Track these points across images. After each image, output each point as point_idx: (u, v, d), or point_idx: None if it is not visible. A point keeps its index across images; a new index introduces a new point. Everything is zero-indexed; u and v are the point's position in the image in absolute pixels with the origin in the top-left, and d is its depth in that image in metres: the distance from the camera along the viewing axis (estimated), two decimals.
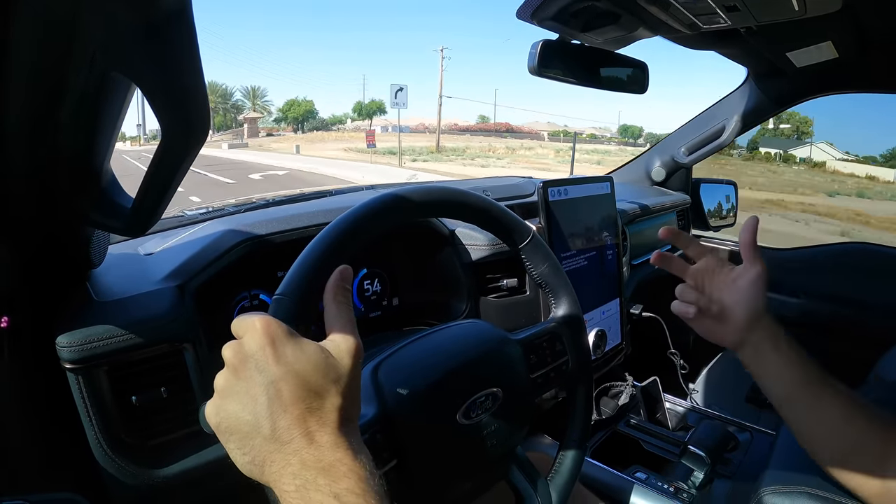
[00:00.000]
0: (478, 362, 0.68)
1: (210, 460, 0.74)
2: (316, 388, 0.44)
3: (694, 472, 1.23)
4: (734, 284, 0.77)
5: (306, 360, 0.44)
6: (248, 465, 0.43)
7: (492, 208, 0.72)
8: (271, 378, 0.43)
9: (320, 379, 0.44)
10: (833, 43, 1.27)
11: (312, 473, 0.41)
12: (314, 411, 0.43)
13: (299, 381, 0.43)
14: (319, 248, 0.56)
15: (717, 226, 2.13)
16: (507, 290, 1.17)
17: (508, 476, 0.73)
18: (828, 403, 0.72)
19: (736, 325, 0.77)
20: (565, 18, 1.06)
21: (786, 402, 0.76)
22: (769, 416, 1.68)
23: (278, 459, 0.42)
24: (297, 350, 0.44)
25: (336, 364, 0.46)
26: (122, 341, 0.68)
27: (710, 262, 0.81)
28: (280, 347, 0.44)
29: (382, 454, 0.56)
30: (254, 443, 0.43)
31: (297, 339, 0.45)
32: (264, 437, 0.42)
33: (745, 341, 0.77)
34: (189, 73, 0.41)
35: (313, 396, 0.43)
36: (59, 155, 0.53)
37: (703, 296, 0.80)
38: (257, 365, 0.43)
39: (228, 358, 0.45)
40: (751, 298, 0.76)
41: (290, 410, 0.42)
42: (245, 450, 0.43)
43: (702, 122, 1.91)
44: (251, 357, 0.44)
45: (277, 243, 0.90)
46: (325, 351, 0.46)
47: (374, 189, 1.44)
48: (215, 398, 0.45)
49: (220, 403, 0.44)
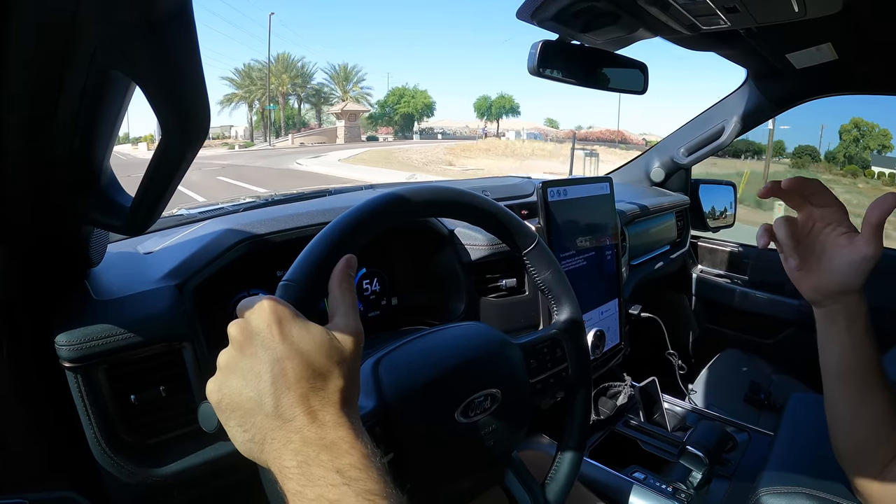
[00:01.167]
0: (478, 362, 0.68)
1: (208, 459, 0.74)
2: (320, 368, 0.45)
3: (692, 473, 1.23)
4: (843, 250, 0.73)
5: (311, 340, 0.45)
6: (248, 442, 0.44)
7: (499, 212, 0.73)
8: (277, 356, 0.43)
9: (324, 359, 0.45)
10: (832, 44, 1.27)
11: (314, 450, 0.41)
12: (317, 391, 0.44)
13: (304, 360, 0.44)
14: (328, 238, 0.56)
15: (715, 226, 2.14)
16: (506, 290, 1.17)
17: (504, 481, 0.73)
18: (870, 399, 0.72)
19: (821, 287, 0.74)
20: (565, 19, 1.06)
21: (834, 377, 0.75)
22: (768, 417, 1.68)
23: (279, 437, 0.42)
24: (302, 330, 0.45)
25: (339, 346, 0.47)
26: (121, 340, 0.68)
27: (835, 215, 0.74)
28: (286, 327, 0.45)
29: (380, 447, 0.56)
30: (255, 419, 0.43)
31: (302, 320, 0.46)
32: (266, 414, 0.43)
33: (823, 304, 0.75)
34: (189, 71, 0.41)
35: (317, 376, 0.44)
36: (58, 153, 0.53)
37: (806, 239, 0.76)
38: (263, 342, 0.44)
39: (234, 335, 0.45)
40: (851, 273, 0.72)
41: (293, 388, 0.43)
42: (246, 426, 0.44)
43: (701, 123, 1.91)
44: (257, 334, 0.44)
45: (276, 243, 0.91)
46: (329, 333, 0.47)
47: (373, 189, 1.44)
48: (218, 375, 0.45)
49: (222, 380, 0.45)
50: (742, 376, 1.89)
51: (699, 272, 2.17)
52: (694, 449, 1.24)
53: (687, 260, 2.12)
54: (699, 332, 2.14)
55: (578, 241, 1.30)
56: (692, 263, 2.18)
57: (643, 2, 0.95)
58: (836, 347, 0.74)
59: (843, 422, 0.75)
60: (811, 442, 1.02)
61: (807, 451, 1.00)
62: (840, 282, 0.73)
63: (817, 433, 1.01)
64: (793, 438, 1.07)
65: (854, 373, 0.73)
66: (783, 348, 1.93)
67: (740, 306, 2.02)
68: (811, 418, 1.12)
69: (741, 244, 2.12)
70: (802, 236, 0.76)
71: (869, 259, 0.71)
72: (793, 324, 1.89)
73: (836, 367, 0.74)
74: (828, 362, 0.75)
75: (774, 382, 1.82)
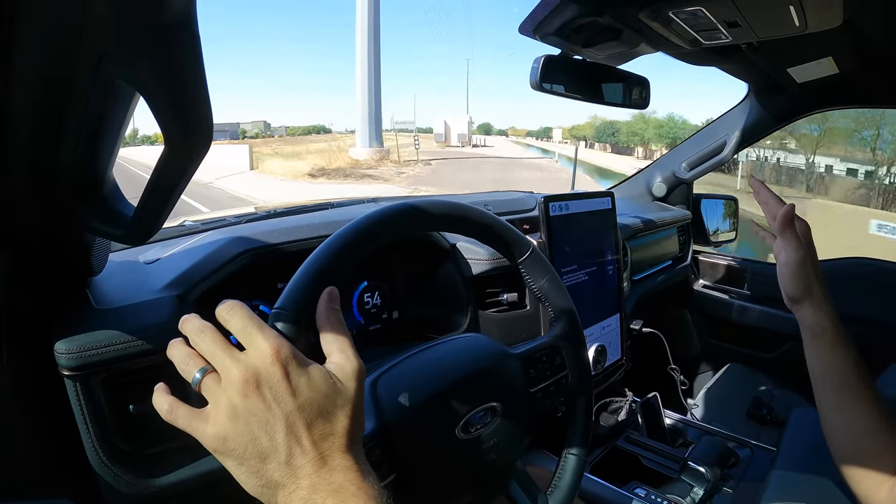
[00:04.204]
0: (477, 376, 0.68)
1: (206, 471, 0.74)
2: (327, 413, 0.45)
3: (694, 489, 1.23)
4: (777, 256, 0.80)
5: (318, 387, 0.46)
6: (261, 488, 0.44)
7: (493, 223, 0.72)
8: (289, 409, 0.44)
9: (330, 404, 0.46)
10: (833, 58, 1.28)
11: (321, 496, 0.42)
12: (326, 436, 0.45)
13: (313, 409, 0.45)
14: (320, 260, 0.55)
15: (717, 241, 2.13)
16: (508, 305, 1.17)
17: (508, 490, 0.73)
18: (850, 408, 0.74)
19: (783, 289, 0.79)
20: (567, 34, 1.07)
21: (816, 386, 0.78)
22: (770, 432, 1.67)
23: (289, 483, 0.43)
24: (309, 379, 0.46)
25: (343, 388, 0.47)
26: (121, 349, 0.68)
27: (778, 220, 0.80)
28: (294, 378, 0.45)
29: (381, 468, 0.56)
30: (268, 467, 0.43)
31: (306, 367, 0.46)
32: (280, 463, 0.43)
33: (794, 310, 0.79)
34: (193, 82, 0.42)
35: (324, 422, 0.45)
36: (62, 163, 0.53)
37: None
38: (275, 396, 0.44)
39: (237, 382, 0.44)
40: (781, 280, 0.78)
41: (304, 437, 0.44)
42: (259, 474, 0.43)
43: (703, 137, 1.92)
44: (267, 387, 0.44)
45: (278, 254, 0.91)
46: (332, 376, 0.47)
47: (375, 202, 1.45)
48: (223, 421, 0.44)
49: (231, 428, 0.44)
50: (744, 391, 1.88)
51: (701, 287, 2.17)
52: (696, 465, 1.24)
53: (689, 274, 2.12)
54: (701, 346, 2.14)
55: (580, 255, 1.30)
56: (694, 278, 2.17)
57: (645, 17, 0.96)
58: (809, 352, 0.78)
59: (834, 431, 0.77)
60: (813, 457, 1.02)
61: (809, 466, 0.99)
62: (786, 287, 0.79)
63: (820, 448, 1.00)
64: (795, 454, 1.07)
65: (829, 382, 0.76)
66: (785, 363, 1.92)
67: (742, 321, 2.01)
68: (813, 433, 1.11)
69: (743, 259, 2.12)
70: None
71: (783, 266, 0.78)
72: (794, 338, 1.88)
73: (814, 373, 0.78)
74: (810, 370, 0.78)
75: (776, 397, 1.81)
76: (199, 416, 0.45)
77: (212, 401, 0.45)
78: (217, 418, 0.44)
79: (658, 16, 0.95)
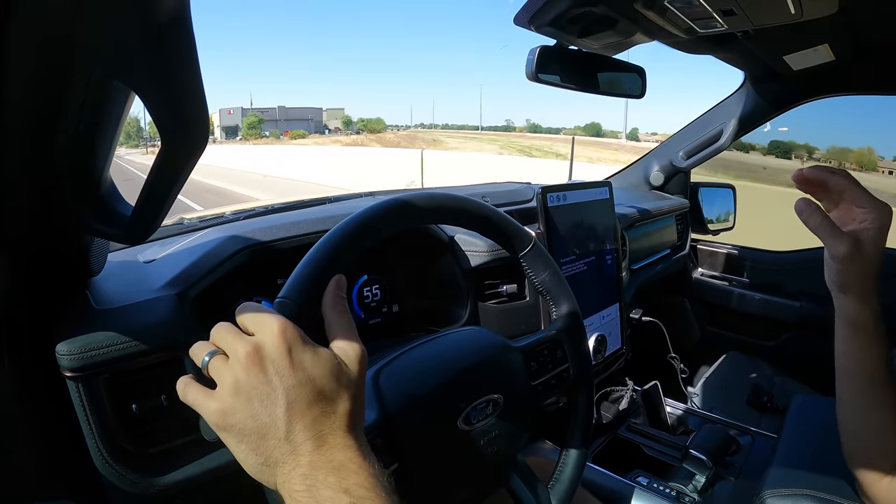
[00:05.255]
0: (479, 368, 0.68)
1: (210, 468, 0.74)
2: (329, 393, 0.46)
3: (696, 476, 1.23)
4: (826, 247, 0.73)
5: (321, 366, 0.46)
6: (260, 465, 0.44)
7: (493, 215, 0.72)
8: (290, 384, 0.44)
9: (333, 384, 0.46)
10: (829, 45, 1.28)
11: (323, 473, 0.42)
12: (327, 415, 0.45)
13: (315, 386, 0.45)
14: (322, 252, 0.56)
15: (715, 229, 2.14)
16: (507, 296, 1.17)
17: (509, 483, 0.73)
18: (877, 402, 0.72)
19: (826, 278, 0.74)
20: (563, 24, 1.07)
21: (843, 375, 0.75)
22: (771, 419, 1.68)
23: (289, 461, 0.43)
24: (312, 356, 0.46)
25: (346, 370, 0.48)
26: (122, 349, 0.68)
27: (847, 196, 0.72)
28: (298, 354, 0.45)
29: (383, 458, 0.56)
30: (268, 444, 0.43)
31: (311, 346, 0.47)
32: (278, 439, 0.43)
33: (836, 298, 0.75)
34: (188, 80, 0.42)
35: (326, 401, 0.45)
36: (58, 163, 0.53)
37: None
38: (277, 370, 0.44)
39: (242, 358, 0.45)
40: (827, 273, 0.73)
41: (305, 414, 0.44)
42: (259, 451, 0.44)
43: (699, 126, 1.92)
44: (270, 361, 0.45)
45: (277, 250, 0.90)
46: (336, 357, 0.48)
47: (373, 196, 1.44)
48: (225, 396, 0.45)
49: (230, 401, 0.44)
50: (744, 379, 1.89)
51: (699, 275, 2.17)
52: (697, 452, 1.24)
53: (687, 263, 2.12)
54: (700, 335, 2.14)
55: (579, 245, 1.30)
56: (692, 266, 2.18)
57: (640, 6, 0.95)
58: (842, 347, 0.75)
59: (851, 423, 0.76)
60: (815, 444, 1.02)
61: (810, 452, 1.00)
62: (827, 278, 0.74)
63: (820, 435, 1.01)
64: (796, 440, 1.07)
65: (859, 375, 0.73)
66: (785, 350, 1.93)
67: (741, 309, 2.02)
68: (814, 420, 1.12)
69: (741, 247, 2.12)
70: None
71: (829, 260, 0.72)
72: (793, 325, 1.89)
73: (844, 364, 0.75)
74: (838, 359, 0.76)
75: (776, 385, 1.82)
76: (206, 392, 0.46)
77: (218, 379, 0.46)
78: (220, 394, 0.45)
79: (653, 4, 0.95)
